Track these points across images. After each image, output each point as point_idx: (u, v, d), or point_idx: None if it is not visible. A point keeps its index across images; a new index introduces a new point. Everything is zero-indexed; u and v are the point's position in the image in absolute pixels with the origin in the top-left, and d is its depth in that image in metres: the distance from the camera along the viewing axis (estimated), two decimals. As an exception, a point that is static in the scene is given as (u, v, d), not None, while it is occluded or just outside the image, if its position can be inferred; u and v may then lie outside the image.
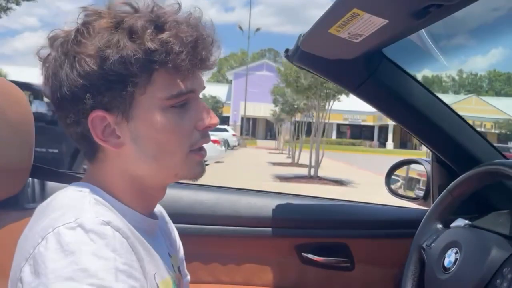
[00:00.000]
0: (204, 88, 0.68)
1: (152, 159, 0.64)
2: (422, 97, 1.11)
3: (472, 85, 68.53)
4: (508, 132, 34.93)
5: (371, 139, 40.89)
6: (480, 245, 0.77)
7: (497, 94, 60.13)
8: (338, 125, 42.06)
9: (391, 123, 35.03)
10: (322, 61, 1.03)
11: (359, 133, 42.96)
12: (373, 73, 1.06)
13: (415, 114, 1.10)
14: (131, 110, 0.62)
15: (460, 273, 0.77)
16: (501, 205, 1.09)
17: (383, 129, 40.40)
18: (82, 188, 0.63)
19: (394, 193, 1.50)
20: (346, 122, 42.06)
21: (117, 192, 0.65)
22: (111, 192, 0.65)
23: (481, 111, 36.01)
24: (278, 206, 1.28)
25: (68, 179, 1.15)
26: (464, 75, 69.60)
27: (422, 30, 0.99)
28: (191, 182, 0.70)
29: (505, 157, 1.17)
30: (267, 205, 1.27)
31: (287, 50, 1.10)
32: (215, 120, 0.67)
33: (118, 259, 0.55)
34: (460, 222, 0.95)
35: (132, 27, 0.59)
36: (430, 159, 1.38)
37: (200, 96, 0.69)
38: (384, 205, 1.40)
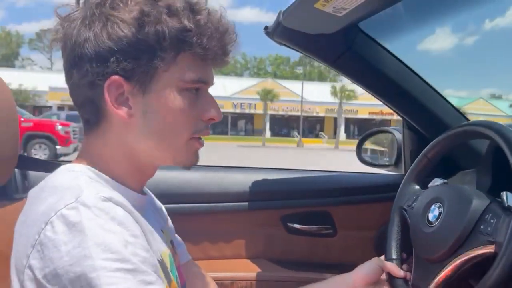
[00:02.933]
0: (213, 84, 0.70)
1: (157, 136, 0.65)
2: (395, 68, 1.17)
3: (257, 68, 72.74)
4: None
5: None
6: (461, 198, 0.83)
7: (276, 76, 63.57)
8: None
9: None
10: (302, 36, 1.06)
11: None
12: (350, 46, 1.11)
13: (389, 84, 1.17)
14: (151, 83, 0.62)
15: (445, 224, 0.83)
16: (466, 165, 1.18)
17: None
18: (73, 168, 0.63)
19: (365, 162, 1.58)
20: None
21: (112, 166, 0.65)
22: (105, 166, 0.65)
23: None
24: (262, 181, 1.32)
25: (53, 168, 1.13)
26: (248, 58, 73.41)
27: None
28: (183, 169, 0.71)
29: (468, 120, 1.26)
30: (252, 180, 1.31)
31: (266, 27, 1.13)
32: (220, 115, 0.69)
33: (125, 232, 0.55)
34: (437, 181, 1.01)
35: (171, 3, 0.61)
36: (398, 127, 1.46)
37: None
38: (361, 173, 1.48)
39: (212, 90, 0.71)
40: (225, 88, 36.53)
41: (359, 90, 34.86)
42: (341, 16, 0.91)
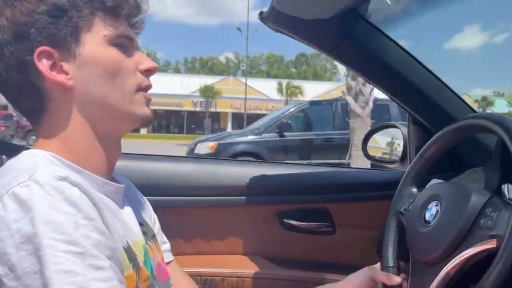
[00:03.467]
0: (138, 47, 0.70)
1: (102, 96, 0.64)
2: (398, 57, 1.10)
3: (250, 67, 70.49)
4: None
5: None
6: (459, 195, 0.77)
7: (269, 75, 62.46)
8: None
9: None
10: (297, 22, 1.00)
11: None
12: (349, 33, 1.04)
13: (392, 75, 1.10)
14: (77, 47, 0.63)
15: (442, 222, 0.77)
16: (475, 162, 1.11)
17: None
18: (35, 153, 0.62)
19: (371, 157, 1.51)
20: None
21: (73, 149, 0.64)
22: (66, 152, 0.63)
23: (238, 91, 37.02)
24: (258, 174, 1.27)
25: None
26: (240, 58, 71.99)
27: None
28: (142, 125, 0.71)
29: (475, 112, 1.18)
30: (246, 174, 1.26)
31: (261, 13, 1.07)
32: (153, 63, 0.69)
33: (78, 214, 0.54)
34: (435, 181, 0.95)
35: None
36: (405, 122, 1.39)
37: None
38: (363, 168, 1.41)
39: (174, 88, 0.72)
40: (187, 86, 36.46)
41: (308, 89, 35.04)
42: None
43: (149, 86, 0.69)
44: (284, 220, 1.27)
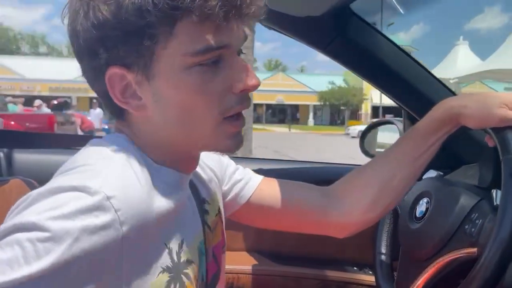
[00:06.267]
0: (244, 41, 0.57)
1: (178, 125, 0.56)
2: (391, 53, 1.10)
3: None
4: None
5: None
6: (449, 194, 0.79)
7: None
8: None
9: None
10: (290, 20, 1.01)
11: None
12: (342, 30, 1.05)
13: (386, 71, 1.10)
14: (151, 67, 0.53)
15: (431, 221, 0.79)
16: (470, 158, 1.11)
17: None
18: (110, 155, 0.55)
19: (368, 154, 1.52)
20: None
21: (149, 151, 0.59)
22: (143, 150, 0.58)
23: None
24: (253, 171, 1.27)
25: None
26: None
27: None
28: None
29: None
30: None
31: None
32: (255, 81, 0.56)
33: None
34: (432, 173, 0.96)
35: None
36: (401, 118, 1.39)
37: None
38: (358, 165, 1.42)
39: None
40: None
41: (14, 65, 33.40)
42: None
43: (240, 110, 0.57)
44: None
